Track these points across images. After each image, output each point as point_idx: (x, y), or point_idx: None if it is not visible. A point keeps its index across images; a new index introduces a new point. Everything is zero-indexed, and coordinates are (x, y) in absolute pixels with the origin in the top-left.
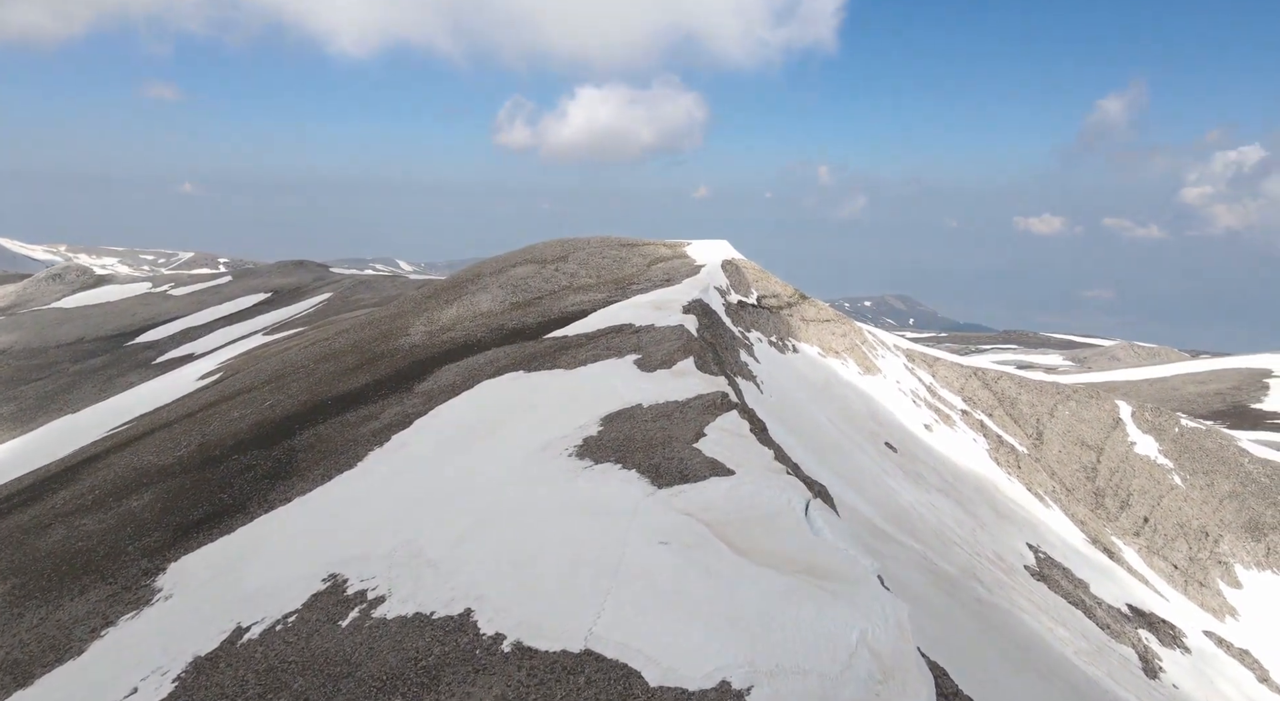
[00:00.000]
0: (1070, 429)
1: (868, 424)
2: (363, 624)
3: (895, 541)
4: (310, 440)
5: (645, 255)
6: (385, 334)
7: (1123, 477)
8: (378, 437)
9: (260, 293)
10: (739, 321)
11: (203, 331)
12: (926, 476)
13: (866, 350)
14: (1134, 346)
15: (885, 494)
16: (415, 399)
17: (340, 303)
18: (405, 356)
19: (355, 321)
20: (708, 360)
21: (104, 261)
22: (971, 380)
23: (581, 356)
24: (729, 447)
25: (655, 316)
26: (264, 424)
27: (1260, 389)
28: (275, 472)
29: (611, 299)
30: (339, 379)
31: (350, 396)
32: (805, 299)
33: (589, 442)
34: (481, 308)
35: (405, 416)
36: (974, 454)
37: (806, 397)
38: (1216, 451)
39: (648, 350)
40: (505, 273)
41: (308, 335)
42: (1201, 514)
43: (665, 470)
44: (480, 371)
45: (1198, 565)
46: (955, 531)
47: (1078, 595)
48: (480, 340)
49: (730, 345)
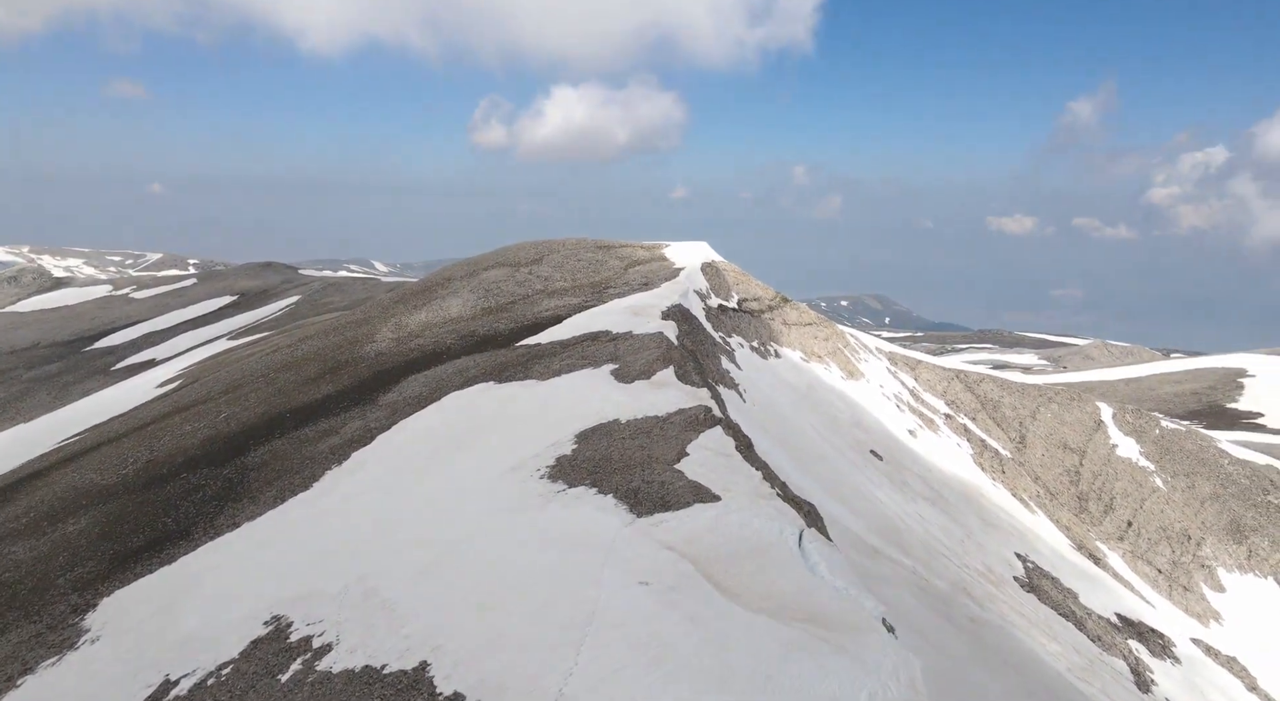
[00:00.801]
0: (1053, 432)
1: (852, 431)
2: (305, 679)
3: (885, 558)
4: (265, 457)
5: (622, 258)
6: (350, 341)
7: (1105, 481)
8: (336, 455)
9: (226, 296)
10: (720, 326)
11: (165, 336)
12: (912, 484)
13: (849, 354)
14: (1108, 345)
15: (872, 505)
16: (379, 412)
17: (309, 306)
18: (370, 365)
19: (321, 326)
20: (688, 370)
21: (68, 262)
22: (954, 383)
23: (555, 366)
24: (714, 468)
25: (633, 323)
26: (216, 439)
27: (1235, 389)
28: (225, 494)
29: (587, 304)
30: (299, 389)
31: (310, 409)
32: (787, 302)
33: (563, 462)
34: (452, 312)
35: (367, 431)
36: (958, 459)
37: (790, 405)
38: (1197, 453)
39: (625, 359)
40: (477, 276)
41: (271, 341)
42: (1183, 516)
43: (645, 495)
44: (448, 382)
45: (1181, 569)
46: (943, 542)
47: (1068, 606)
48: (449, 347)
49: (711, 352)
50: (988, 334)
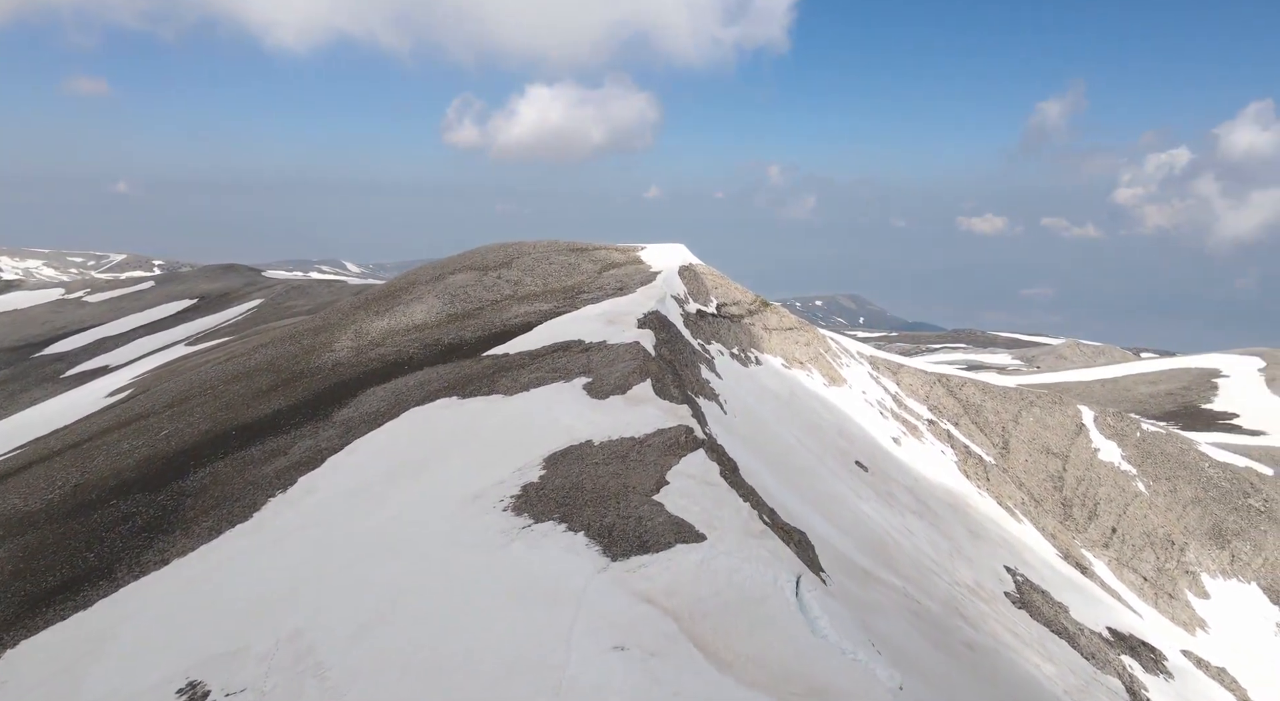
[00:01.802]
0: (1035, 436)
1: (836, 441)
2: None
3: (876, 581)
4: (205, 481)
5: (596, 261)
6: (307, 350)
7: (1089, 486)
8: (282, 480)
9: (185, 299)
10: (699, 333)
11: (119, 342)
12: (899, 496)
13: (831, 359)
14: (1080, 345)
15: (859, 521)
16: (332, 430)
17: (272, 310)
18: (327, 377)
19: (279, 333)
20: (667, 383)
21: (28, 263)
22: (936, 387)
23: (524, 380)
24: (697, 500)
25: (607, 331)
26: (155, 459)
27: (1209, 389)
28: (157, 524)
29: (559, 310)
30: (249, 403)
31: (258, 425)
32: (767, 306)
33: (529, 492)
34: (416, 319)
35: (318, 452)
36: (943, 467)
37: (773, 415)
38: (1177, 456)
39: (599, 372)
40: (443, 280)
41: (226, 348)
42: (1166, 521)
43: (620, 533)
44: (409, 396)
45: (1166, 576)
46: (932, 558)
47: (1060, 622)
48: (412, 357)
49: (690, 361)
50: (961, 334)
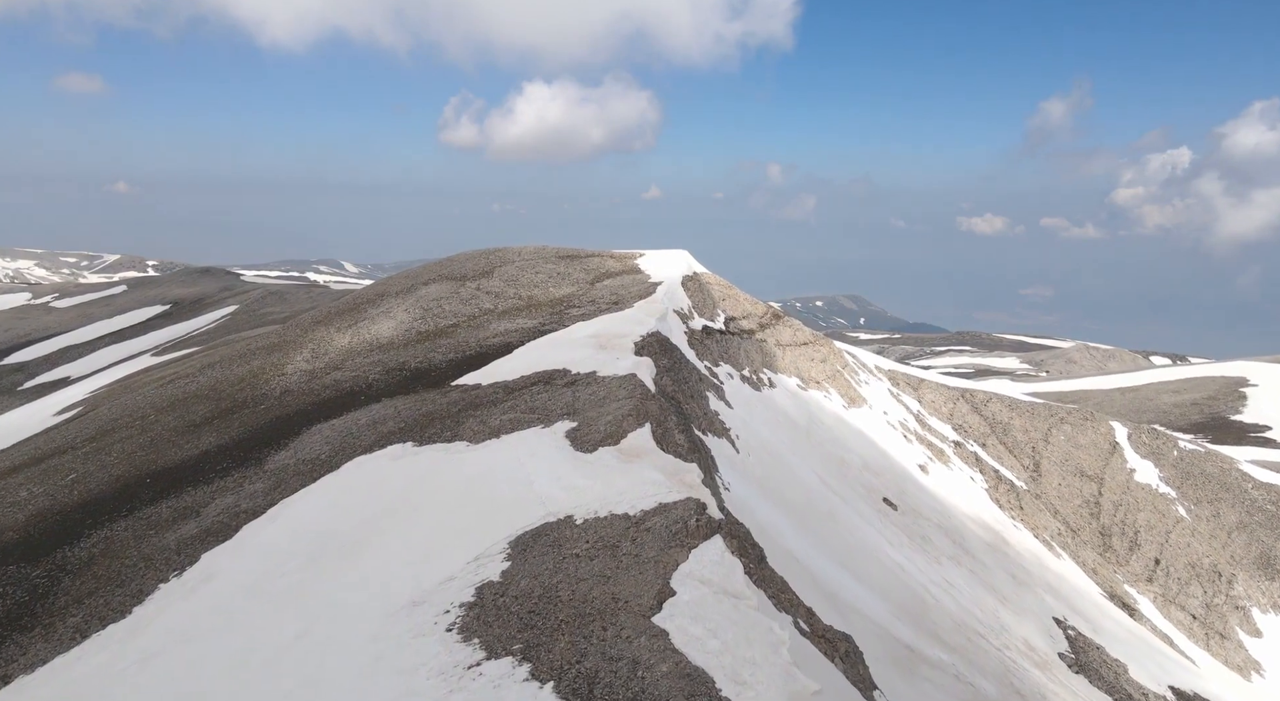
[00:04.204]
0: (1068, 457)
1: (861, 475)
2: None
3: (923, 661)
4: (95, 551)
5: (589, 269)
6: (256, 373)
7: (1127, 512)
8: (183, 555)
9: (157, 305)
10: (705, 354)
11: (85, 351)
12: (934, 539)
13: (849, 376)
14: (1089, 348)
15: (895, 577)
16: (260, 482)
17: (245, 317)
18: (271, 408)
19: (233, 350)
20: (670, 427)
21: (18, 264)
22: (960, 404)
23: (494, 422)
24: (717, 628)
25: (599, 359)
26: (49, 514)
27: (1238, 399)
28: (18, 614)
29: (545, 327)
30: (175, 440)
31: (179, 471)
32: (779, 318)
33: (485, 599)
34: (382, 337)
35: (235, 516)
36: (974, 497)
37: (790, 447)
38: (1219, 476)
39: (587, 414)
40: (415, 291)
41: (174, 366)
42: (1211, 550)
43: (606, 690)
44: (358, 439)
45: (1215, 613)
46: (978, 618)
47: (1121, 687)
48: (371, 385)
49: (696, 391)
50: (966, 335)
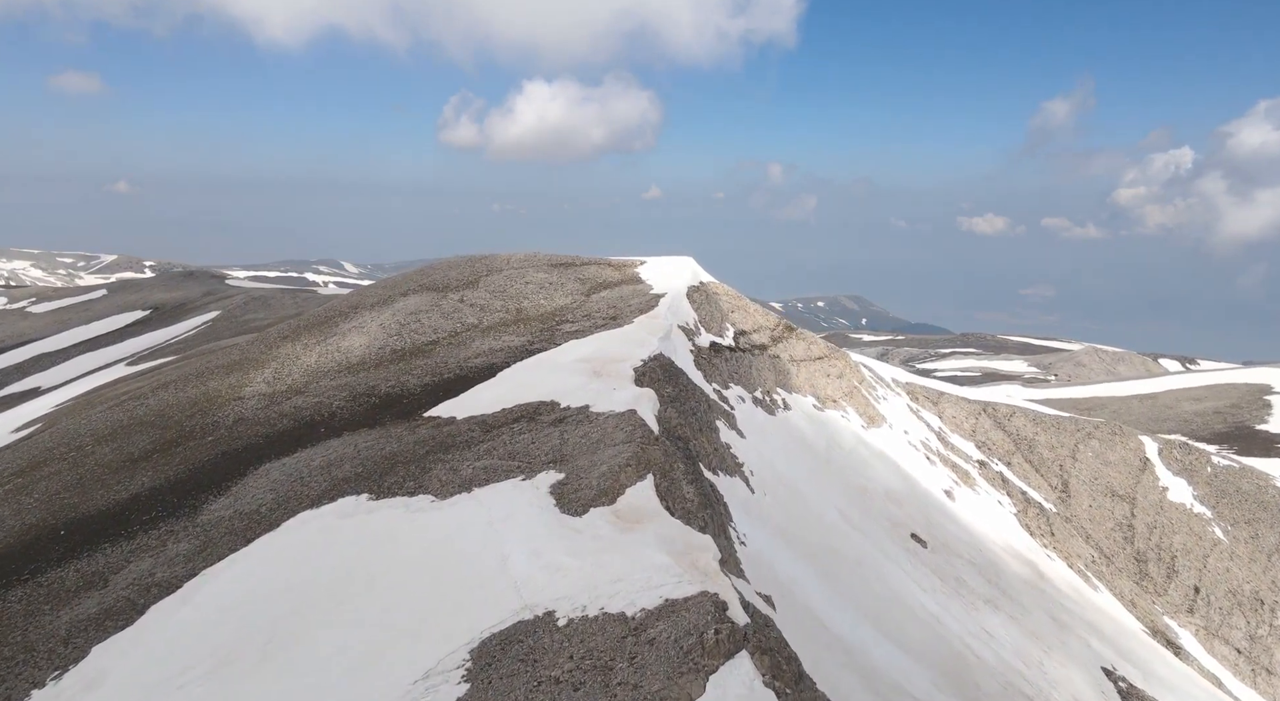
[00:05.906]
0: (1097, 475)
1: (886, 507)
2: None
3: None
4: None
5: (584, 279)
6: (210, 397)
7: (1162, 535)
8: (71, 647)
9: (137, 310)
10: (714, 375)
11: (58, 359)
12: (968, 579)
13: (866, 392)
14: (1098, 351)
15: (930, 630)
16: (185, 542)
17: (227, 323)
18: (219, 442)
19: (190, 368)
20: (676, 479)
21: (14, 264)
22: (982, 418)
23: (466, 471)
24: None
25: (593, 390)
26: None
27: (1262, 407)
28: None
29: (533, 346)
30: (107, 479)
31: (100, 521)
32: (792, 330)
33: None
34: (352, 355)
35: (145, 590)
36: (1004, 524)
37: (807, 477)
38: (1255, 494)
39: (576, 462)
40: (392, 303)
41: (129, 384)
42: (1252, 575)
43: None
44: (307, 486)
45: (1260, 646)
46: (1023, 674)
47: None
48: (334, 414)
49: (705, 422)
50: (970, 337)
